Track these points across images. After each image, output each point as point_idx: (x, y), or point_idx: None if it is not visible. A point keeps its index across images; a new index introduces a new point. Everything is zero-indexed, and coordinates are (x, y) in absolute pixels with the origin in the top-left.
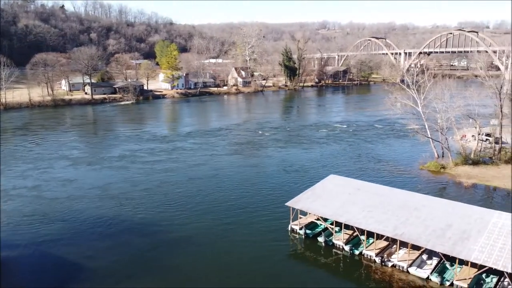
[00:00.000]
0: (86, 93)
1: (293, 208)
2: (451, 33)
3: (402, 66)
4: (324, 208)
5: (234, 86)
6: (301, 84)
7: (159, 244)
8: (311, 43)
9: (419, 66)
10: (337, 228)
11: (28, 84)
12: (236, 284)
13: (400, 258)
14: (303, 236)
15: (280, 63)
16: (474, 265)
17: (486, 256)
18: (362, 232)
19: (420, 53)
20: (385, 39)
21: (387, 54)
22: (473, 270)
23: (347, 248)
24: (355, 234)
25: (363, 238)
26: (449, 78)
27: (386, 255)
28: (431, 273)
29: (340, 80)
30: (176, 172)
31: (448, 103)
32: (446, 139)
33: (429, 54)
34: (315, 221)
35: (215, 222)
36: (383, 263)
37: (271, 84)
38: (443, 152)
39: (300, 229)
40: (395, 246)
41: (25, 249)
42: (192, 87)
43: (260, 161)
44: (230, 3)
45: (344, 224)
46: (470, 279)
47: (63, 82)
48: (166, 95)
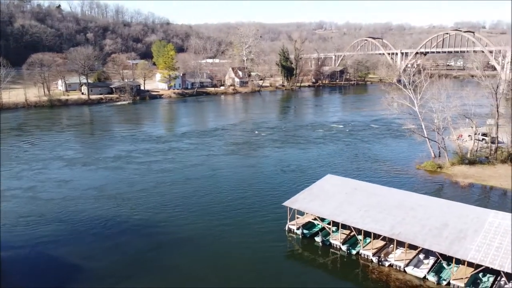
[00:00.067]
0: (83, 93)
1: (290, 208)
2: (448, 33)
3: (399, 66)
4: (321, 208)
5: (231, 86)
6: (298, 84)
7: (157, 245)
8: (308, 43)
9: (415, 66)
10: (334, 228)
11: (24, 85)
12: (235, 285)
13: (397, 257)
14: (301, 236)
15: (277, 63)
16: (470, 264)
17: (482, 255)
18: (359, 232)
19: (417, 53)
20: (381, 39)
21: (383, 54)
22: (469, 269)
23: (344, 248)
24: (352, 234)
25: (360, 238)
26: (445, 78)
27: (383, 255)
28: (428, 272)
29: (337, 80)
30: (172, 173)
31: (445, 103)
32: (443, 138)
33: (425, 54)
34: (312, 221)
35: (212, 222)
36: (380, 263)
37: (268, 84)
38: (439, 152)
39: (298, 229)
40: (392, 245)
41: (22, 250)
42: (189, 87)
43: (257, 161)
44: (227, 3)
45: (341, 224)
46: (466, 278)
47: (60, 82)
48: (163, 95)
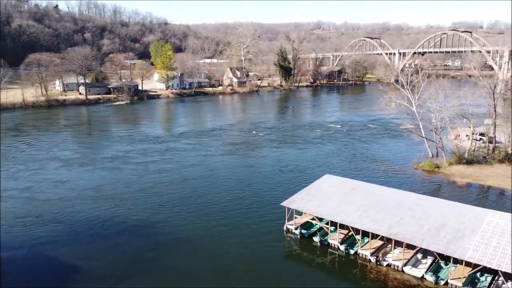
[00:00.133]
0: (80, 93)
1: (288, 208)
2: (445, 33)
3: (397, 66)
4: (319, 208)
5: (229, 86)
6: (296, 84)
7: (155, 246)
8: (306, 43)
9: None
10: (332, 228)
11: (22, 85)
12: (233, 285)
13: (395, 257)
14: (299, 236)
15: (275, 63)
16: (468, 264)
17: (480, 255)
18: (357, 231)
19: (415, 53)
20: (379, 39)
21: (381, 54)
22: (467, 269)
23: (342, 247)
24: (350, 234)
25: (358, 237)
26: (443, 78)
27: (381, 255)
28: (425, 272)
29: (335, 80)
30: (170, 173)
31: (442, 103)
32: (441, 138)
33: (423, 54)
34: (311, 221)
35: (210, 223)
36: (378, 263)
37: (266, 84)
38: (437, 152)
39: (296, 229)
40: (390, 245)
41: (19, 250)
42: (187, 87)
43: (255, 161)
44: (225, 3)
45: (339, 224)
46: (464, 278)
47: (57, 82)
48: (160, 95)
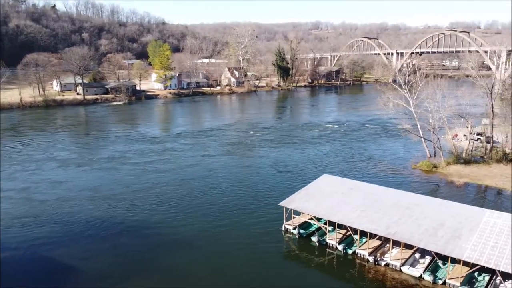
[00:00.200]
0: (78, 93)
1: (286, 208)
2: (443, 33)
3: (394, 66)
4: (318, 208)
5: (227, 86)
6: (294, 84)
7: (153, 246)
8: (304, 43)
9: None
10: (330, 228)
11: (19, 85)
12: (232, 285)
13: (393, 257)
14: (297, 236)
15: (273, 63)
16: (466, 263)
17: (478, 254)
18: (355, 231)
19: (412, 53)
20: (377, 39)
21: (379, 54)
22: (465, 268)
23: (340, 247)
24: (348, 234)
25: (356, 237)
26: (440, 78)
27: (379, 254)
28: (423, 271)
29: (333, 80)
30: (168, 173)
31: (440, 103)
32: (438, 138)
33: (421, 54)
34: (309, 220)
35: (209, 223)
36: (376, 262)
37: (264, 84)
38: (435, 152)
39: (294, 229)
40: (388, 245)
41: (17, 251)
42: (185, 87)
43: (253, 161)
44: (223, 3)
45: (337, 224)
46: (462, 277)
47: (55, 82)
48: (158, 95)
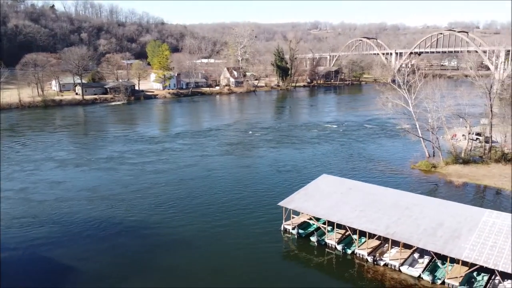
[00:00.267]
0: (77, 93)
1: (285, 208)
2: (442, 33)
3: (393, 66)
4: (317, 208)
5: (226, 86)
6: (293, 84)
7: (152, 246)
8: (303, 43)
9: (410, 66)
10: (329, 228)
11: (18, 85)
12: (231, 285)
13: (392, 257)
14: (296, 236)
15: (272, 63)
16: (465, 263)
17: (477, 254)
18: (354, 231)
19: (411, 53)
20: (376, 39)
21: (378, 54)
22: (464, 268)
23: (339, 247)
24: (347, 234)
25: (355, 237)
26: (439, 78)
27: (378, 254)
28: (422, 271)
29: (332, 80)
30: (167, 173)
31: (439, 103)
32: (437, 138)
33: (419, 54)
34: (308, 220)
35: (208, 223)
36: (375, 262)
37: (264, 84)
38: (434, 152)
39: (293, 229)
40: (387, 245)
41: (15, 251)
42: (184, 87)
43: (252, 161)
44: (222, 3)
45: (337, 224)
46: (461, 277)
47: (54, 82)
48: (157, 95)
